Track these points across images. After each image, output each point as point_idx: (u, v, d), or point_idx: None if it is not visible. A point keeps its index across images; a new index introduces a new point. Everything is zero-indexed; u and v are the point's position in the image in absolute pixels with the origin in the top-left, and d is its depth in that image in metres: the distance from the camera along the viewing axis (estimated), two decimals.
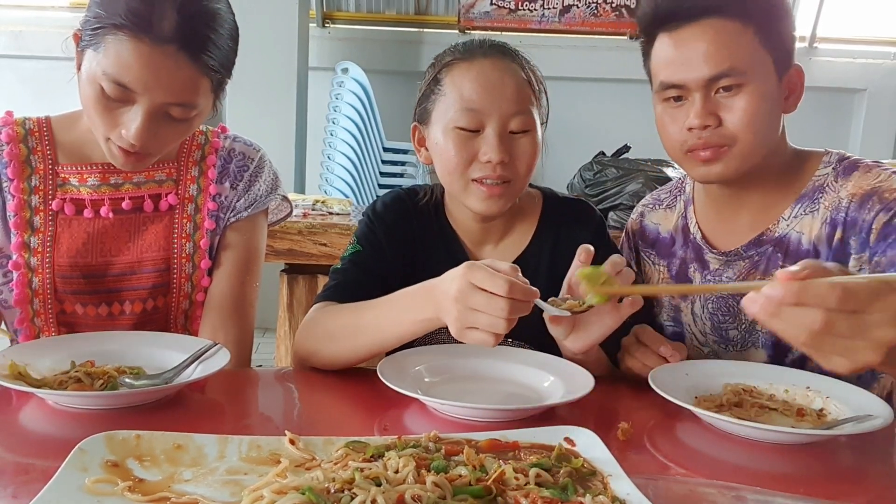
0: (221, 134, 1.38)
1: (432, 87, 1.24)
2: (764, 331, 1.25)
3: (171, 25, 1.06)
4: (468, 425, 0.94)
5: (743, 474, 0.85)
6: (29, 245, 1.23)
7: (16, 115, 1.29)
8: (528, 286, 0.95)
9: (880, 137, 4.60)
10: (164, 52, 1.06)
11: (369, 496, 0.65)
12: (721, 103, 1.14)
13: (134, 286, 1.28)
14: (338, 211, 2.64)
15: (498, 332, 0.94)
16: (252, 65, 3.99)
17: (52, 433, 0.90)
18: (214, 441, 0.79)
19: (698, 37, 1.12)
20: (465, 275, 0.95)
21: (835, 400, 1.04)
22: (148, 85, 1.07)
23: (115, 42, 1.06)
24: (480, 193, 1.20)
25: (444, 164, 1.22)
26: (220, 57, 1.13)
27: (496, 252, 1.32)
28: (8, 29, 4.37)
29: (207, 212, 1.33)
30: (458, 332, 0.97)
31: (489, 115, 1.17)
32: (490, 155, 1.17)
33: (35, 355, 1.04)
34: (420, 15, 4.65)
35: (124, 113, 1.11)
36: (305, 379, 1.15)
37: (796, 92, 1.20)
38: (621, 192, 2.61)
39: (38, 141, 1.25)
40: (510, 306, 0.92)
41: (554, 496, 0.68)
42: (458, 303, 0.95)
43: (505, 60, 1.21)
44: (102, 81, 1.08)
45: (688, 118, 1.15)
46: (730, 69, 1.11)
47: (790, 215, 1.22)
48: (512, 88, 1.19)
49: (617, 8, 4.53)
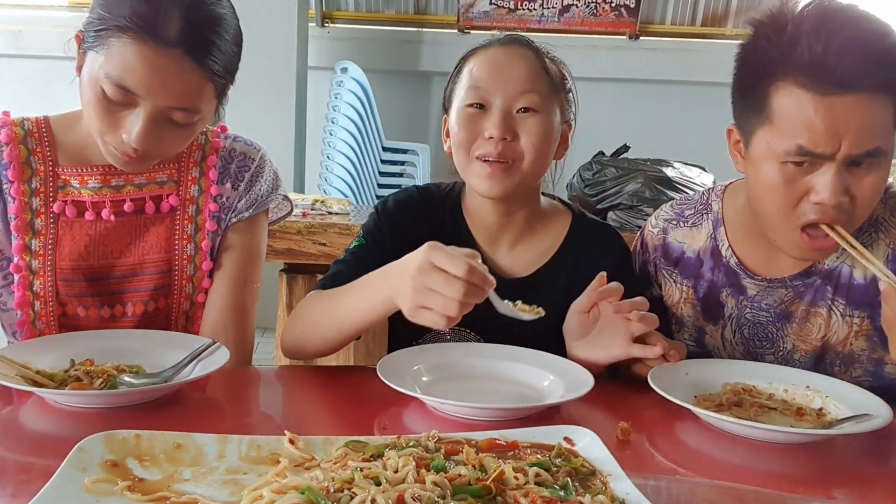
0: (221, 134, 1.37)
1: (455, 78, 1.27)
2: (802, 359, 1.23)
3: (177, 29, 1.05)
4: (468, 424, 0.94)
5: (742, 474, 0.85)
6: (30, 248, 1.22)
7: (15, 114, 1.28)
8: (486, 273, 0.96)
9: None
10: (169, 55, 1.06)
11: (369, 495, 0.65)
12: (854, 179, 1.06)
13: (136, 288, 1.28)
14: (337, 210, 2.63)
15: (450, 315, 0.95)
16: (251, 64, 3.96)
17: (51, 432, 0.90)
18: (214, 440, 0.79)
19: (855, 109, 1.02)
20: (426, 254, 0.96)
21: (834, 399, 1.04)
22: (151, 88, 1.07)
23: (118, 44, 1.06)
24: (483, 171, 1.20)
25: (454, 142, 1.24)
26: (224, 62, 1.12)
27: (511, 256, 1.30)
28: (7, 28, 4.36)
29: (208, 213, 1.32)
30: (411, 310, 0.98)
31: (494, 92, 1.19)
32: (491, 130, 1.18)
33: (34, 354, 1.04)
34: (419, 14, 4.64)
35: (126, 116, 1.10)
36: (305, 378, 1.15)
37: None
38: (620, 192, 2.60)
39: (37, 142, 1.24)
40: (466, 289, 0.93)
41: (553, 496, 0.68)
42: (414, 280, 0.96)
43: (522, 48, 1.23)
44: (104, 84, 1.07)
45: (815, 191, 1.06)
46: (876, 150, 1.04)
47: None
48: (521, 70, 1.20)
49: (616, 8, 4.53)
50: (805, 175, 1.07)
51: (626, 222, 2.57)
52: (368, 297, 1.08)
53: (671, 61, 4.50)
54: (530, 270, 1.29)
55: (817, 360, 1.22)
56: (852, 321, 1.19)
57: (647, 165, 2.65)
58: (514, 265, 1.30)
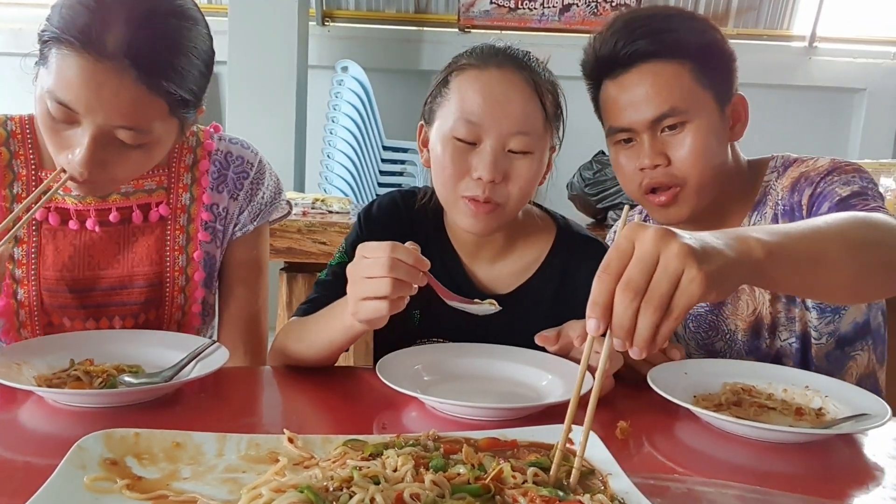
0: (214, 134, 1.31)
1: (440, 89, 1.19)
2: (743, 338, 1.30)
3: (118, 40, 0.96)
4: (467, 424, 0.94)
5: (741, 473, 0.85)
6: (13, 256, 1.17)
7: (15, 112, 1.24)
8: (416, 252, 0.96)
9: (880, 137, 4.60)
10: (108, 68, 0.97)
11: (368, 494, 0.65)
12: (668, 142, 1.19)
13: (124, 301, 1.23)
14: (337, 209, 2.63)
15: (384, 294, 0.94)
16: (251, 63, 4.01)
17: (50, 431, 0.90)
18: (213, 439, 0.79)
19: (638, 81, 1.18)
20: (358, 251, 0.98)
21: (833, 399, 1.04)
22: (90, 105, 0.98)
23: (58, 57, 0.98)
24: (468, 210, 1.15)
25: (437, 173, 1.18)
26: (179, 80, 1.02)
27: (494, 269, 1.27)
28: (7, 27, 4.36)
29: (201, 222, 1.26)
30: (353, 305, 0.99)
31: (488, 130, 1.12)
32: (481, 172, 1.12)
33: (34, 353, 1.04)
34: (420, 13, 4.64)
35: (70, 137, 1.02)
36: (304, 377, 1.15)
37: (742, 119, 1.25)
38: (620, 192, 2.60)
39: (20, 144, 1.18)
40: (392, 263, 0.94)
41: (552, 495, 0.68)
42: (350, 275, 0.98)
43: (519, 75, 1.14)
44: (47, 100, 1.00)
45: (639, 159, 1.20)
46: (671, 109, 1.17)
47: (748, 223, 1.26)
48: (518, 105, 1.13)
49: (616, 7, 4.53)
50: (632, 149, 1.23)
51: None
52: (332, 322, 1.09)
53: None
54: (512, 287, 1.26)
55: (753, 334, 1.29)
56: None
57: None
58: (496, 281, 1.27)
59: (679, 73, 1.17)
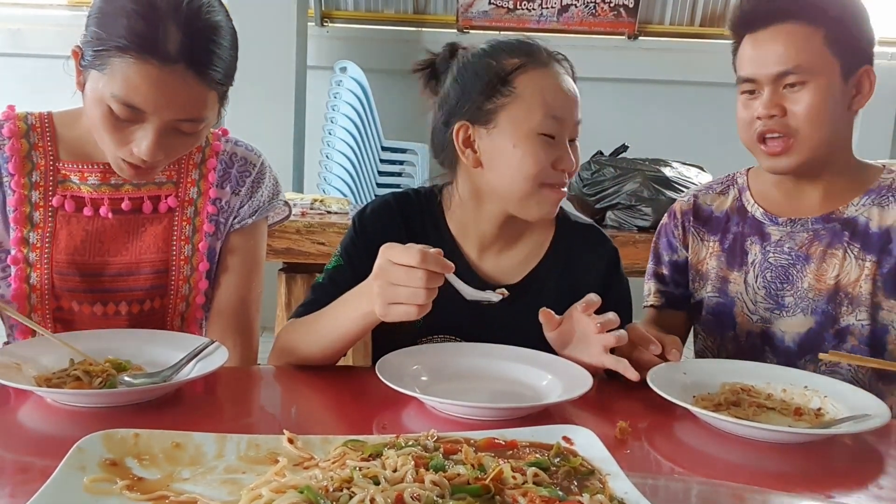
0: (223, 137, 1.38)
1: (498, 88, 1.20)
2: (816, 298, 1.33)
3: (177, 44, 1.05)
4: (466, 424, 0.94)
5: (741, 473, 0.85)
6: (28, 240, 1.22)
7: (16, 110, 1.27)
8: (441, 257, 1.00)
9: (879, 137, 4.60)
10: (172, 71, 1.06)
11: (368, 495, 0.65)
12: (787, 97, 1.26)
13: (131, 287, 1.28)
14: (336, 210, 2.64)
15: (419, 303, 0.99)
16: (250, 64, 3.96)
17: (50, 432, 0.90)
18: (213, 440, 0.79)
19: (772, 38, 1.26)
20: (382, 254, 1.01)
21: (832, 399, 1.05)
22: (158, 105, 1.08)
23: (121, 64, 1.05)
24: (550, 199, 1.23)
25: (518, 168, 1.19)
26: (224, 69, 1.13)
27: (499, 262, 1.30)
28: (6, 27, 4.36)
29: (207, 215, 1.33)
30: (383, 308, 1.01)
31: (566, 123, 1.22)
32: (566, 164, 1.21)
33: (34, 353, 1.04)
34: (419, 14, 4.64)
35: (135, 131, 1.11)
36: (304, 378, 1.15)
37: (863, 92, 1.31)
38: (619, 192, 2.61)
39: (39, 136, 1.25)
40: (427, 275, 0.97)
41: (552, 495, 0.68)
42: (378, 279, 1.01)
43: (566, 71, 1.26)
44: (111, 103, 1.08)
45: (757, 109, 1.28)
46: (795, 67, 1.24)
47: (860, 203, 1.32)
48: (575, 100, 1.24)
49: (615, 7, 4.53)
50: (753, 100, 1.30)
51: (625, 222, 2.57)
52: (346, 313, 1.11)
53: (670, 61, 4.50)
54: (518, 277, 1.29)
55: (829, 298, 1.32)
56: (864, 264, 1.30)
57: (645, 165, 2.66)
58: (502, 272, 1.30)
59: (811, 36, 1.24)
